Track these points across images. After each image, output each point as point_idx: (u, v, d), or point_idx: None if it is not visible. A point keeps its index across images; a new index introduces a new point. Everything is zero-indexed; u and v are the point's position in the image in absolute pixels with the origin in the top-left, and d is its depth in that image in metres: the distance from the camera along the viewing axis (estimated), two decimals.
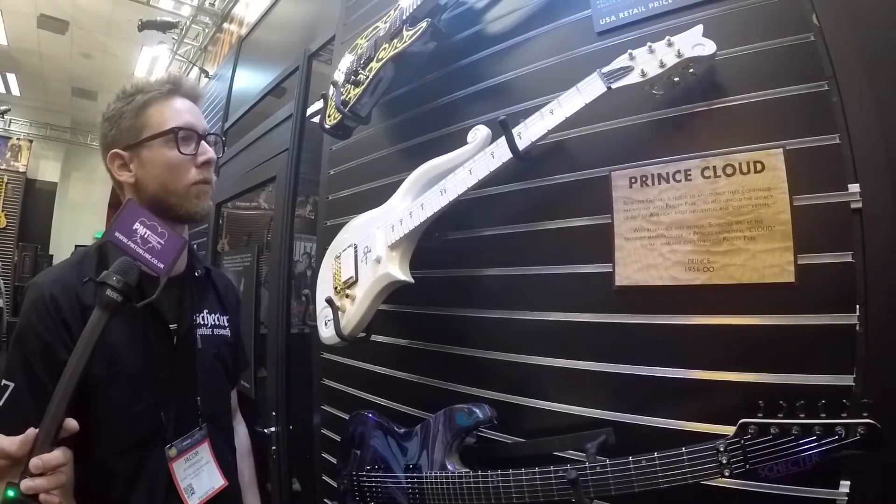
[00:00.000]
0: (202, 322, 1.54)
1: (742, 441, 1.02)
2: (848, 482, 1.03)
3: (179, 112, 1.41)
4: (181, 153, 1.37)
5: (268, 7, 4.39)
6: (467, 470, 1.43)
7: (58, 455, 1.02)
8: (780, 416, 1.00)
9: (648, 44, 1.23)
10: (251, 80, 4.34)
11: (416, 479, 1.52)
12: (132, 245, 1.19)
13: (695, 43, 1.19)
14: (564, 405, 1.44)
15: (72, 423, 1.06)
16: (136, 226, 1.21)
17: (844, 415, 0.94)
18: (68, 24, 9.70)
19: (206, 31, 7.97)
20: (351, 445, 1.79)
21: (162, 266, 1.21)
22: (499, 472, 1.33)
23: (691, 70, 1.23)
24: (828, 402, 0.96)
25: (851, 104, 1.11)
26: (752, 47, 1.24)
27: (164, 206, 1.38)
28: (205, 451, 1.44)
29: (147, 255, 1.20)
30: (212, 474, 1.45)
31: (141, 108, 1.39)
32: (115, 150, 1.40)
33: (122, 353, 1.30)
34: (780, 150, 1.16)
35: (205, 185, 1.43)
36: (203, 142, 1.43)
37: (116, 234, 1.19)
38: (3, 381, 1.21)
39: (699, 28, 1.20)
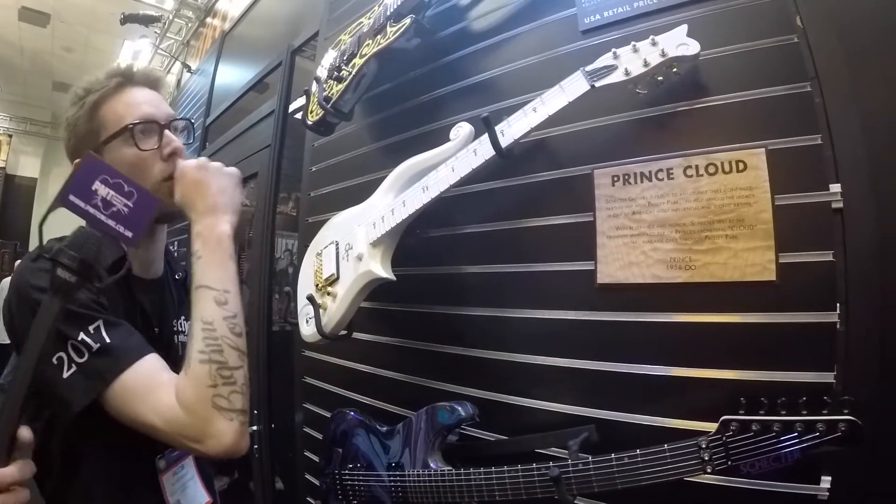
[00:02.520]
0: (180, 329, 1.48)
1: (724, 438, 1.03)
2: (829, 478, 1.04)
3: (133, 105, 1.30)
4: (141, 150, 1.26)
5: (251, 1, 4.37)
6: (450, 468, 1.43)
7: (13, 471, 0.90)
8: (761, 412, 1.00)
9: (632, 43, 1.23)
10: (234, 76, 4.31)
11: (398, 478, 1.51)
12: (91, 210, 0.98)
13: (679, 42, 1.19)
14: (547, 402, 1.44)
15: (26, 435, 0.94)
16: (97, 185, 1.00)
17: (825, 411, 0.95)
18: (50, 17, 9.61)
19: (189, 25, 7.90)
20: (333, 444, 1.78)
21: (130, 234, 1.01)
22: (481, 469, 1.33)
23: (675, 69, 1.23)
24: (809, 398, 0.97)
25: (834, 105, 1.12)
26: (735, 48, 1.25)
27: None
28: (189, 466, 1.39)
29: (111, 223, 0.99)
30: (196, 490, 1.40)
31: (93, 110, 1.30)
32: (77, 161, 1.27)
33: None
34: (763, 149, 1.17)
35: (172, 182, 1.31)
36: (167, 131, 1.31)
37: (71, 197, 0.98)
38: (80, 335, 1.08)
39: (683, 28, 1.20)
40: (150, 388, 1.07)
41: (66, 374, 1.06)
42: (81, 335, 1.07)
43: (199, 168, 1.26)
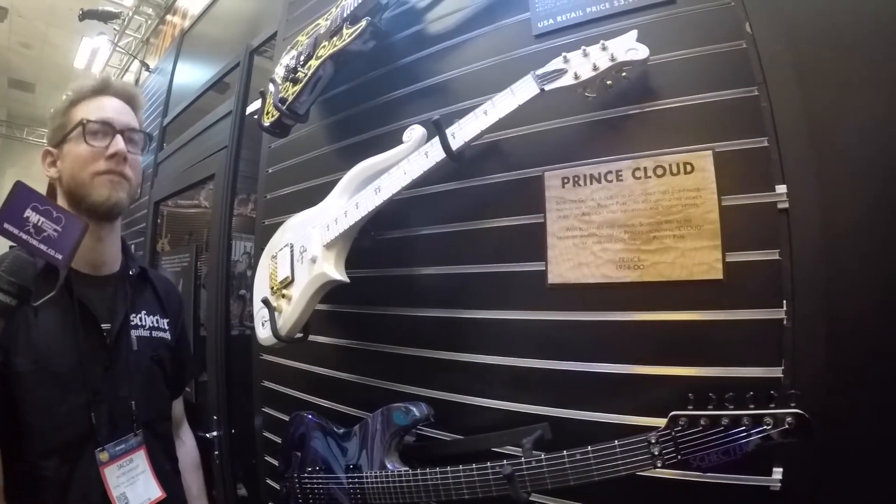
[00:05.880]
0: (139, 323, 1.51)
1: (673, 433, 1.05)
2: (781, 469, 1.07)
3: (99, 108, 1.42)
4: (87, 144, 1.36)
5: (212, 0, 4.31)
6: (407, 468, 1.43)
7: None
8: (709, 407, 1.02)
9: (582, 47, 1.25)
10: (192, 75, 4.24)
11: (356, 479, 1.51)
12: (24, 237, 1.06)
13: (628, 47, 1.21)
14: (501, 402, 1.45)
15: None
16: (28, 213, 1.08)
17: (772, 405, 0.97)
18: (7, 12, 9.39)
19: (149, 22, 7.80)
20: (292, 447, 1.77)
21: (61, 257, 1.10)
22: (438, 469, 1.34)
23: (624, 74, 1.24)
24: (756, 393, 0.99)
25: (780, 109, 1.15)
26: (685, 53, 1.27)
27: (76, 198, 1.37)
28: (140, 459, 1.39)
29: (43, 247, 1.08)
30: (148, 484, 1.40)
31: (69, 107, 1.42)
32: (46, 148, 1.43)
33: (50, 350, 1.28)
34: (710, 152, 1.20)
35: (113, 175, 1.39)
36: (119, 136, 1.40)
37: (6, 225, 1.06)
38: None
39: (633, 33, 1.22)
40: None
41: None
42: None
43: None
